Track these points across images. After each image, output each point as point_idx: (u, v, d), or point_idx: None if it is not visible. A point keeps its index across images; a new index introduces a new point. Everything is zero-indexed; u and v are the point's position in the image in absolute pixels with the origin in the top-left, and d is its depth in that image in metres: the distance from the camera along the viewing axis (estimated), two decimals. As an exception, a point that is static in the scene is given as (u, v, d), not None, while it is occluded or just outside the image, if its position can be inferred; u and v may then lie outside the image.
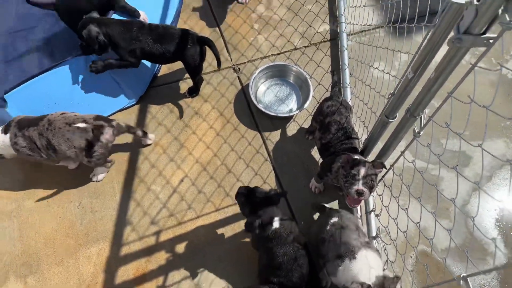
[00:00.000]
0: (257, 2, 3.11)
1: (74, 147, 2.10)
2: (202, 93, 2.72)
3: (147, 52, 2.35)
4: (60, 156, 2.16)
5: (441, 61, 1.29)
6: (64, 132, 2.07)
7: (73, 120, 2.09)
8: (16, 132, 2.10)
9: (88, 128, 2.10)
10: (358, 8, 2.94)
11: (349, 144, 2.09)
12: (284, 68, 2.72)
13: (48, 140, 2.09)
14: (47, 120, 2.09)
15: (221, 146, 2.57)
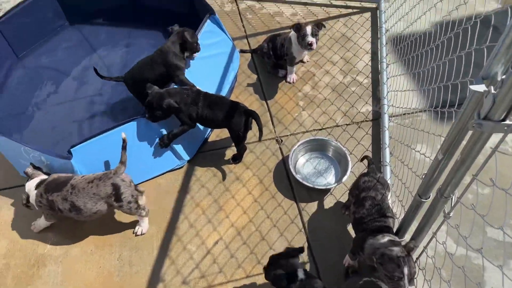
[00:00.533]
0: (304, 83, 3.35)
1: (102, 198, 2.28)
2: (244, 161, 2.89)
3: (200, 116, 2.64)
4: (85, 215, 2.34)
5: (465, 145, 1.35)
6: (88, 190, 2.28)
7: (93, 178, 2.31)
8: (42, 192, 2.35)
9: (110, 174, 2.30)
10: (401, 92, 3.06)
11: (382, 222, 2.08)
12: (324, 143, 2.84)
13: (72, 203, 2.29)
14: (70, 185, 2.31)
15: (257, 213, 2.65)
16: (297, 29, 2.96)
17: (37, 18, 3.51)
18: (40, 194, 2.35)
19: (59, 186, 2.32)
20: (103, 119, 3.08)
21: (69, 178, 2.36)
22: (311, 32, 2.91)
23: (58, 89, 3.31)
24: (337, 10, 3.91)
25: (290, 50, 3.10)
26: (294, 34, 3.04)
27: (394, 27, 3.58)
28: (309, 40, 2.91)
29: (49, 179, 2.40)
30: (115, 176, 2.30)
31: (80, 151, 2.43)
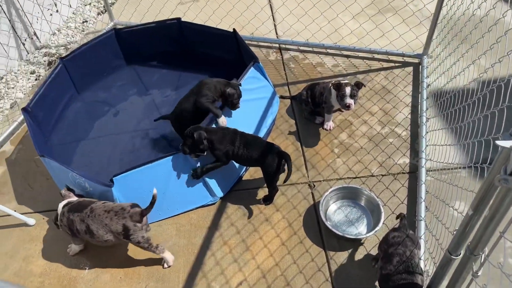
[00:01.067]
0: (340, 130, 3.39)
1: (111, 231, 2.38)
2: (275, 202, 2.91)
3: (235, 154, 2.75)
4: (97, 240, 2.45)
5: (493, 201, 1.32)
6: (102, 218, 2.38)
7: (111, 208, 2.41)
8: (65, 211, 2.50)
9: (125, 213, 2.37)
10: (440, 146, 3.01)
11: (409, 279, 2.00)
12: (356, 191, 2.82)
13: (87, 226, 2.41)
14: (90, 208, 2.44)
15: (284, 257, 2.63)
16: (336, 88, 3.05)
17: (99, 57, 3.88)
18: (63, 213, 2.51)
19: (80, 208, 2.47)
20: (148, 152, 3.27)
21: (91, 202, 2.52)
22: (350, 94, 2.99)
23: (110, 122, 3.58)
24: (379, 64, 3.99)
25: (329, 99, 3.19)
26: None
27: (436, 82, 3.59)
28: (347, 102, 2.99)
29: (75, 201, 2.57)
30: (128, 219, 2.36)
31: (121, 181, 2.59)
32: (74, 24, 5.06)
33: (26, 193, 3.15)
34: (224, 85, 2.99)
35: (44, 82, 3.37)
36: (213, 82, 3.02)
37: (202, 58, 4.02)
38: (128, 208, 2.39)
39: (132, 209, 2.39)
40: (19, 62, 4.49)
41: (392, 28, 3.98)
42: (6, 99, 4.07)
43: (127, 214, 2.36)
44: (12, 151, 3.50)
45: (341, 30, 4.19)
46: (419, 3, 3.99)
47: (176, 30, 3.94)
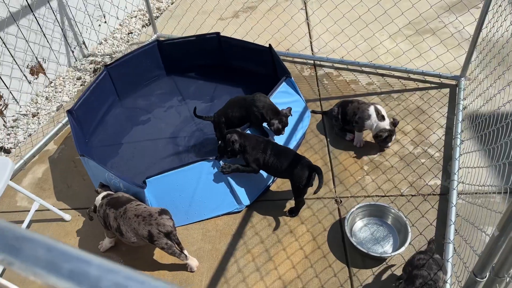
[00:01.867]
0: (371, 148, 3.37)
1: (138, 235, 2.46)
2: (301, 215, 2.93)
3: (266, 162, 2.80)
4: (125, 240, 2.55)
5: (520, 221, 1.30)
6: (132, 222, 2.46)
7: (141, 212, 2.48)
8: (104, 203, 2.61)
9: (152, 220, 2.43)
10: (473, 169, 2.94)
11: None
12: (383, 209, 2.79)
13: (119, 225, 2.51)
14: (124, 208, 2.53)
15: (306, 270, 2.63)
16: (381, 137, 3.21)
17: (141, 66, 4.09)
18: (102, 205, 2.63)
19: (117, 205, 2.58)
20: (182, 158, 3.40)
21: (128, 201, 2.60)
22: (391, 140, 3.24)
23: (148, 128, 3.74)
24: (414, 84, 3.96)
25: (364, 122, 3.18)
26: (374, 112, 3.16)
27: (472, 105, 3.51)
28: (388, 146, 3.30)
29: (114, 195, 2.69)
30: (155, 226, 2.42)
31: (153, 183, 2.70)
32: (120, 35, 5.36)
33: (64, 190, 3.34)
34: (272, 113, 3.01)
35: (89, 87, 3.59)
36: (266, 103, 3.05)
37: (237, 72, 4.15)
38: (155, 215, 2.46)
39: (160, 217, 2.45)
40: (68, 68, 4.79)
41: (429, 48, 3.96)
42: (53, 102, 4.35)
43: (153, 221, 2.43)
44: (55, 150, 3.73)
45: (377, 49, 4.21)
46: (459, 25, 3.95)
47: (214, 44, 4.09)
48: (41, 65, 4.42)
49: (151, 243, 2.49)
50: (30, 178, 3.47)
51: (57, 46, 4.57)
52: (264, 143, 2.85)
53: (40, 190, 3.34)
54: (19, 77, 4.15)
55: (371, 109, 3.19)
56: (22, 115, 4.18)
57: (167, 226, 2.46)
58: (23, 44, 4.14)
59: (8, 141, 3.91)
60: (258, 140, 2.86)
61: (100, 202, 2.67)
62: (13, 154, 3.75)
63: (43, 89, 4.49)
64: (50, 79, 4.57)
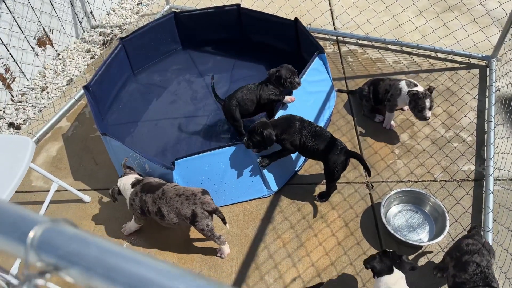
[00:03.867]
0: (402, 130, 3.25)
1: (180, 215, 2.36)
2: (331, 200, 2.83)
3: (302, 143, 2.65)
4: (167, 222, 2.43)
5: None
6: (173, 202, 2.36)
7: (182, 192, 2.38)
8: (138, 191, 2.47)
9: (196, 199, 2.35)
10: (509, 155, 2.84)
11: (486, 292, 1.89)
12: (421, 196, 2.69)
13: (159, 208, 2.39)
14: (162, 190, 2.41)
15: (340, 257, 2.55)
16: (414, 99, 2.93)
17: (156, 40, 3.88)
18: (136, 193, 2.48)
19: (153, 188, 2.45)
20: (200, 139, 3.24)
21: (162, 184, 2.49)
22: (429, 106, 2.90)
23: (163, 106, 3.57)
24: (442, 63, 3.80)
25: (396, 98, 3.05)
26: (405, 87, 2.99)
27: (506, 88, 3.38)
28: (427, 115, 2.92)
29: (145, 181, 2.54)
30: (199, 205, 2.34)
31: (182, 165, 2.57)
32: (129, 5, 5.08)
33: (81, 170, 3.20)
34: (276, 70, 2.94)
35: (105, 62, 3.39)
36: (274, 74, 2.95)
37: (257, 47, 3.95)
38: (199, 194, 2.36)
39: (204, 197, 2.36)
40: (76, 40, 4.55)
41: (461, 27, 3.78)
42: (62, 76, 4.14)
43: (198, 200, 2.34)
44: (68, 127, 3.55)
45: (404, 26, 4.01)
46: (492, 2, 3.75)
47: (234, 16, 3.88)
48: (49, 36, 4.18)
49: (192, 223, 2.37)
50: (44, 156, 3.31)
51: (64, 15, 4.31)
52: (298, 122, 2.66)
53: (56, 170, 3.19)
54: (25, 48, 3.92)
55: (402, 83, 3.04)
56: (30, 89, 3.98)
57: (212, 204, 2.37)
58: (30, 13, 3.89)
59: (18, 117, 3.72)
60: (290, 122, 2.67)
61: (131, 190, 2.51)
62: (23, 130, 3.58)
63: (51, 62, 4.26)
64: (57, 51, 4.34)
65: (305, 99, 3.07)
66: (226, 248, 2.56)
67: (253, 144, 2.61)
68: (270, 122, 2.66)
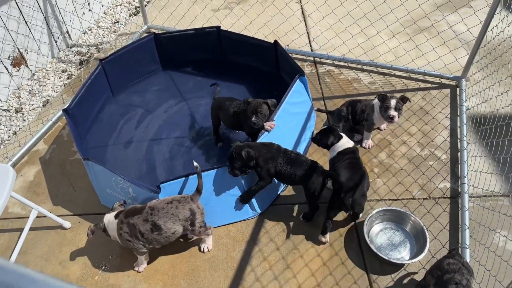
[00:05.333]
0: (379, 150, 3.35)
1: (179, 220, 2.40)
2: (315, 220, 2.87)
3: (278, 171, 2.68)
4: (165, 235, 2.42)
5: None
6: (167, 210, 2.40)
7: (171, 200, 2.44)
8: (122, 219, 2.44)
9: (188, 199, 2.44)
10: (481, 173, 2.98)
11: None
12: (402, 215, 2.78)
13: (153, 223, 2.38)
14: (149, 207, 2.43)
15: (326, 277, 2.59)
16: (381, 99, 3.03)
17: (136, 61, 3.87)
18: (121, 221, 2.45)
19: (138, 210, 2.44)
20: (182, 160, 3.24)
21: (144, 205, 2.48)
22: (394, 106, 2.98)
23: (144, 127, 3.55)
24: (415, 83, 3.97)
25: (371, 117, 3.16)
26: (377, 102, 3.10)
27: (476, 108, 3.56)
28: (391, 113, 2.97)
29: (127, 208, 2.53)
30: (192, 202, 2.46)
31: (167, 188, 2.55)
32: (105, 24, 5.05)
33: (60, 195, 3.12)
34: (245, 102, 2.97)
35: (84, 84, 3.35)
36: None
37: (237, 68, 4.01)
38: (186, 196, 2.47)
39: (193, 196, 2.48)
40: (51, 59, 4.47)
41: (432, 49, 3.97)
42: (38, 97, 4.04)
43: (189, 199, 2.44)
44: (46, 150, 3.47)
45: (378, 48, 4.18)
46: (461, 26, 3.97)
47: (214, 38, 3.93)
48: (23, 56, 4.09)
49: (191, 224, 2.46)
50: (21, 181, 3.21)
51: (38, 34, 4.23)
52: (273, 151, 2.70)
53: (34, 195, 3.10)
54: None
55: (375, 101, 3.15)
56: (4, 111, 3.87)
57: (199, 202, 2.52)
58: (2, 32, 3.80)
59: (-9, 140, 3.60)
60: (266, 149, 2.70)
61: (115, 221, 2.46)
62: (-3, 154, 3.46)
63: (26, 82, 4.16)
64: (33, 72, 4.25)
65: (289, 120, 3.14)
66: (211, 240, 2.70)
67: (237, 169, 2.63)
68: (247, 144, 2.69)
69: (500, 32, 3.45)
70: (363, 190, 2.66)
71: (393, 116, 2.97)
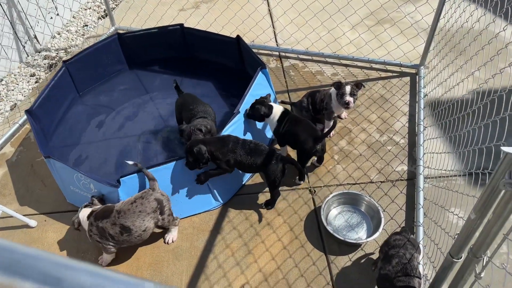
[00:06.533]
0: (340, 137, 3.46)
1: (148, 213, 2.45)
2: (277, 207, 2.96)
3: (239, 161, 2.76)
4: (135, 235, 2.47)
5: (497, 204, 1.39)
6: (133, 209, 2.44)
7: (134, 199, 2.50)
8: (92, 221, 2.49)
9: (150, 191, 2.51)
10: (437, 154, 3.10)
11: (406, 282, 2.06)
12: (357, 197, 2.88)
13: (122, 226, 2.43)
14: (116, 211, 2.46)
15: (286, 260, 2.67)
16: (337, 87, 3.14)
17: (101, 61, 3.92)
18: (91, 223, 2.49)
19: (107, 214, 2.48)
20: (150, 156, 3.30)
21: (112, 206, 2.53)
22: (349, 92, 3.08)
23: (111, 126, 3.60)
24: (376, 73, 4.09)
25: (330, 105, 3.26)
26: (334, 91, 3.21)
27: (433, 92, 3.69)
28: (346, 99, 3.08)
29: (98, 209, 2.56)
30: (155, 192, 2.52)
31: (128, 182, 2.61)
32: (74, 28, 5.08)
33: (27, 195, 3.15)
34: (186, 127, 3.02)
35: (48, 85, 3.39)
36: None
37: (203, 64, 4.08)
38: (147, 190, 2.54)
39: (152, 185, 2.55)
40: (19, 64, 4.49)
41: (390, 39, 4.08)
42: (6, 101, 4.07)
43: (150, 191, 2.51)
44: (12, 153, 3.50)
45: (340, 40, 4.29)
46: (417, 15, 4.10)
47: (178, 36, 3.99)
48: (-10, 61, 4.11)
49: (161, 212, 2.52)
50: (-14, 183, 3.24)
51: (5, 40, 4.26)
52: (232, 143, 2.78)
53: (0, 196, 3.13)
54: (-35, 75, 3.83)
55: (332, 89, 3.25)
56: (-29, 116, 3.88)
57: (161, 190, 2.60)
58: (-32, 39, 3.82)
59: (-42, 145, 3.61)
60: (225, 142, 2.78)
61: (87, 222, 2.51)
62: (-36, 158, 3.48)
63: (-7, 88, 4.18)
64: (0, 77, 4.27)
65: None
66: (176, 231, 2.77)
67: (191, 163, 2.70)
68: (202, 139, 2.76)
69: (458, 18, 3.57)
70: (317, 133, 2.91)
71: (349, 101, 3.08)
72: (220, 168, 2.80)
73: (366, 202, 2.85)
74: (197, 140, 2.74)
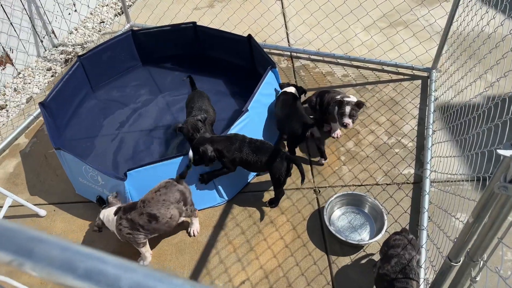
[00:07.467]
0: (347, 139, 3.45)
1: (171, 203, 2.51)
2: (280, 205, 2.97)
3: (244, 160, 2.79)
4: (163, 222, 2.51)
5: (493, 208, 1.38)
6: (157, 198, 2.50)
7: (157, 188, 2.55)
8: (121, 215, 2.52)
9: (174, 182, 2.56)
10: (445, 158, 3.07)
11: (404, 283, 2.06)
12: (361, 198, 2.87)
13: (148, 214, 2.47)
14: (141, 202, 2.52)
15: (287, 259, 2.69)
16: (338, 105, 3.14)
17: (115, 57, 4.00)
18: (120, 217, 2.52)
19: (133, 206, 2.54)
20: (160, 151, 3.36)
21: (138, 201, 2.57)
22: (349, 113, 3.09)
23: (122, 121, 3.67)
24: (388, 75, 4.06)
25: (333, 112, 3.24)
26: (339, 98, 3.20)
27: (443, 96, 3.65)
28: (345, 121, 3.11)
29: (124, 205, 2.62)
30: (178, 185, 2.58)
31: (134, 175, 2.67)
32: (91, 24, 5.19)
33: (38, 185, 3.24)
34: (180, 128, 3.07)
35: (62, 79, 3.48)
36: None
37: (214, 62, 4.13)
38: (170, 180, 2.60)
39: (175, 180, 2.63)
40: (36, 58, 4.62)
41: (402, 41, 4.06)
42: (22, 94, 4.19)
43: (174, 182, 2.58)
44: (26, 144, 3.60)
45: (352, 41, 4.28)
46: (430, 18, 4.06)
47: (191, 33, 4.05)
48: (8, 55, 4.23)
49: (184, 203, 2.59)
50: (1, 173, 3.35)
51: (24, 35, 4.38)
52: (239, 142, 2.81)
53: (12, 185, 3.23)
54: (-15, 67, 3.96)
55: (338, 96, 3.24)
56: (-11, 108, 4.01)
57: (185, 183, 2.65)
58: (-12, 32, 3.95)
59: (-25, 135, 3.74)
60: (232, 141, 2.81)
61: (115, 218, 2.53)
62: (-19, 148, 3.60)
63: (11, 80, 4.31)
64: (18, 70, 4.39)
65: (262, 111, 3.26)
66: (198, 222, 2.83)
67: (196, 161, 2.74)
68: (210, 138, 2.80)
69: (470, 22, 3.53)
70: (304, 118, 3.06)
71: (347, 123, 3.11)
72: (225, 167, 2.84)
73: (370, 203, 2.84)
74: (205, 139, 2.77)
